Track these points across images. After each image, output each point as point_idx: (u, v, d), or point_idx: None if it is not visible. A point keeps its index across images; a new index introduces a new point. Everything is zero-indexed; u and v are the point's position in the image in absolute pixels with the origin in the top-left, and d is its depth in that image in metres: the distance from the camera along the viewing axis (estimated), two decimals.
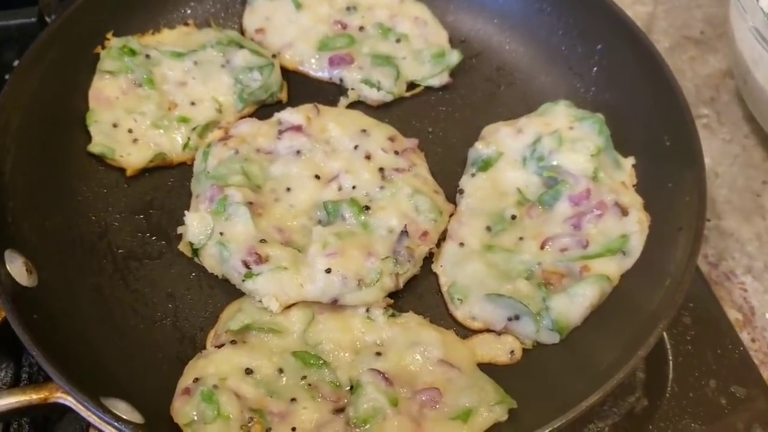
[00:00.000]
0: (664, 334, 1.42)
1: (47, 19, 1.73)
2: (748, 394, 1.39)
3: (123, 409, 1.12)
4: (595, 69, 1.58)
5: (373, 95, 1.60)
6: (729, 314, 1.50)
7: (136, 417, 1.12)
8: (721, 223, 1.65)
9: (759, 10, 1.42)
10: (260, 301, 1.29)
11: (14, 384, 1.34)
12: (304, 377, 1.22)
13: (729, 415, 1.37)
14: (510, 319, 1.31)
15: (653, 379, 1.40)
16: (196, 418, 1.15)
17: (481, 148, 1.49)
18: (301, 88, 1.63)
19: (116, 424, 1.06)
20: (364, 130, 1.51)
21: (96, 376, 1.17)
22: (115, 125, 1.50)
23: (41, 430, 1.32)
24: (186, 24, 1.68)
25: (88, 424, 1.12)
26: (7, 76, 1.45)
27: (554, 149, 1.44)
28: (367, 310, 1.30)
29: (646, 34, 1.51)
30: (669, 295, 1.22)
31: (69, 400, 1.11)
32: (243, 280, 1.30)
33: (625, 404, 1.37)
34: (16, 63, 1.66)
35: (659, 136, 1.43)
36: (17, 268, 1.24)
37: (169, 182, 1.50)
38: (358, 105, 1.61)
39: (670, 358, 1.41)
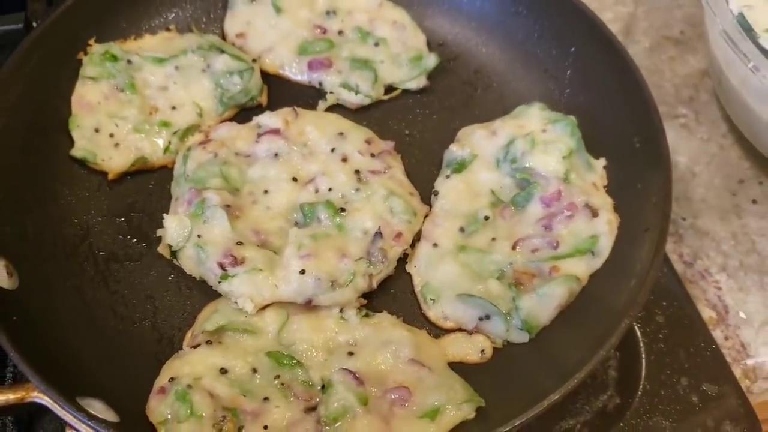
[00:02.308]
0: (638, 332, 1.44)
1: (34, 25, 1.76)
2: (719, 391, 1.40)
3: (99, 408, 1.15)
4: (569, 72, 1.60)
5: (351, 98, 1.62)
6: (703, 312, 1.51)
7: (111, 416, 1.15)
8: (696, 222, 1.67)
9: (728, 12, 1.43)
10: (236, 302, 1.32)
11: None
12: (278, 377, 1.24)
13: (700, 413, 1.38)
14: (481, 319, 1.33)
15: (626, 377, 1.41)
16: (170, 416, 1.17)
17: (455, 150, 1.52)
18: (281, 92, 1.65)
19: (90, 422, 1.09)
20: (341, 133, 1.53)
21: (73, 376, 1.20)
22: (97, 130, 1.53)
23: (26, 427, 1.34)
24: (168, 29, 1.70)
25: (66, 423, 1.14)
26: None
27: (527, 151, 1.46)
28: (341, 311, 1.33)
29: (616, 37, 1.52)
30: (633, 295, 1.24)
31: (45, 400, 1.14)
32: (219, 282, 1.33)
33: (597, 402, 1.39)
34: None
35: (630, 137, 1.44)
36: None
37: (150, 185, 1.52)
38: (336, 108, 1.63)
39: (643, 356, 1.43)
